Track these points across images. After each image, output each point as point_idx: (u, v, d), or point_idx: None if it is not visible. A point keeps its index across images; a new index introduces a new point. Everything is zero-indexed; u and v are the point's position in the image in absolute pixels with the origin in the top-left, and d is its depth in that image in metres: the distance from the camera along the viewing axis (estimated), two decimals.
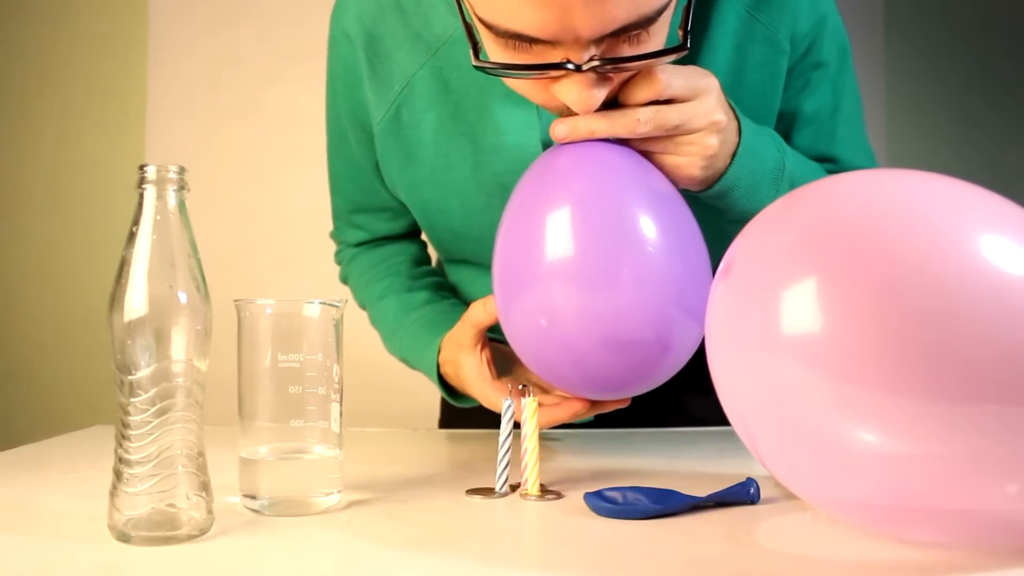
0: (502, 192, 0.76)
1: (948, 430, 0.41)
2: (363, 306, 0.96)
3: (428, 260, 0.98)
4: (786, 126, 0.81)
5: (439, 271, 0.97)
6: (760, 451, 0.50)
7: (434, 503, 0.60)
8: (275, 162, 2.00)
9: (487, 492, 0.62)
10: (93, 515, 0.54)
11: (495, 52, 0.62)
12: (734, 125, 0.69)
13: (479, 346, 0.76)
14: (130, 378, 0.49)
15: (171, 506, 0.49)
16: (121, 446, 0.49)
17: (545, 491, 0.62)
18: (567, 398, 0.72)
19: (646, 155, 0.67)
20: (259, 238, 2.00)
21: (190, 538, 0.49)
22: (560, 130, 0.64)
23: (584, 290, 0.62)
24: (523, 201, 0.66)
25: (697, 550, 0.48)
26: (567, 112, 0.65)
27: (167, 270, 0.49)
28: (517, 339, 0.68)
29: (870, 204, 0.46)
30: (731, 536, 0.51)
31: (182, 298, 0.50)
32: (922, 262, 0.42)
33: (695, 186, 0.69)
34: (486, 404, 0.76)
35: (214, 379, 0.54)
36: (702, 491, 0.58)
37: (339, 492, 0.58)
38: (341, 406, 0.59)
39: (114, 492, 0.49)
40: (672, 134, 0.65)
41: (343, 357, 0.59)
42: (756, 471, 0.64)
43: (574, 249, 0.62)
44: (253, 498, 0.56)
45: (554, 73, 0.60)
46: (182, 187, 0.51)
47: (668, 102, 0.65)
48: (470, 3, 0.60)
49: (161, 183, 0.50)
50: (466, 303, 0.92)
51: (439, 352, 0.81)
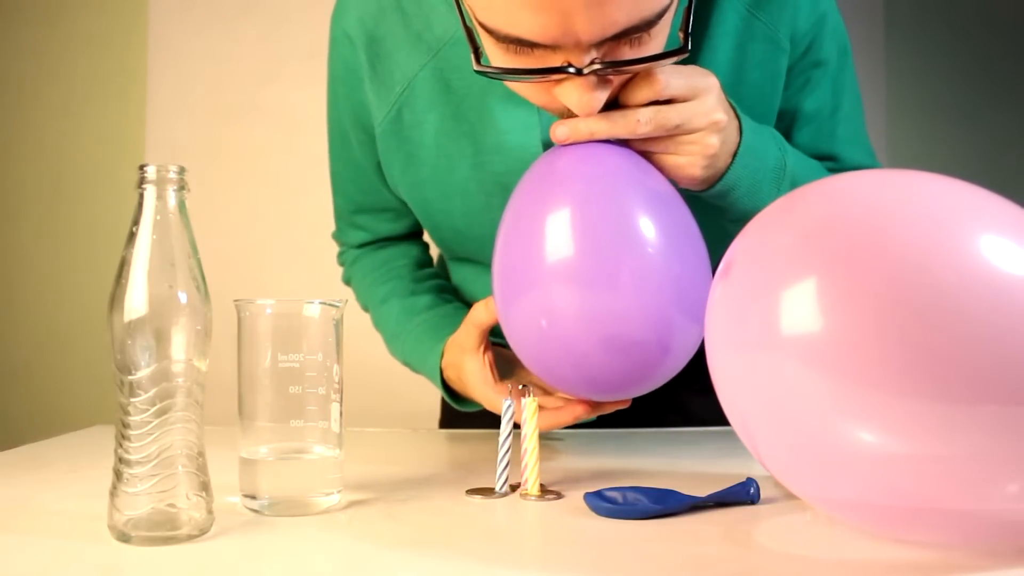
0: (503, 192, 0.76)
1: (948, 430, 0.41)
2: (366, 308, 0.96)
3: (430, 262, 0.98)
4: (786, 125, 0.81)
5: (441, 273, 0.97)
6: (760, 451, 0.50)
7: (434, 503, 0.60)
8: (275, 162, 2.00)
9: (487, 492, 0.62)
10: (93, 515, 0.54)
11: (496, 56, 0.62)
12: (735, 124, 0.69)
13: (482, 349, 0.76)
14: (130, 378, 0.49)
15: (171, 506, 0.49)
16: (121, 446, 0.49)
17: (545, 491, 0.62)
18: (569, 401, 0.71)
19: (647, 155, 0.67)
20: (259, 238, 2.00)
21: (190, 538, 0.49)
22: (561, 132, 0.64)
23: (584, 291, 0.62)
24: (523, 202, 0.66)
25: (697, 550, 0.48)
26: (568, 113, 0.65)
27: (167, 270, 0.49)
28: (517, 341, 0.67)
29: (870, 204, 0.46)
30: (731, 536, 0.51)
31: (182, 298, 0.50)
32: (922, 262, 0.42)
33: (696, 186, 0.69)
34: (488, 407, 0.76)
35: (214, 379, 0.54)
36: (702, 491, 0.58)
37: (339, 492, 0.58)
38: (341, 406, 0.59)
39: (114, 492, 0.49)
40: (673, 134, 0.65)
41: (343, 357, 0.59)
42: (756, 471, 0.64)
43: (574, 250, 0.62)
44: (253, 498, 0.56)
45: (555, 77, 0.60)
46: (182, 187, 0.51)
47: (668, 102, 0.65)
48: (471, 8, 0.59)
49: (161, 183, 0.50)
50: (468, 301, 0.92)
51: (442, 356, 0.81)
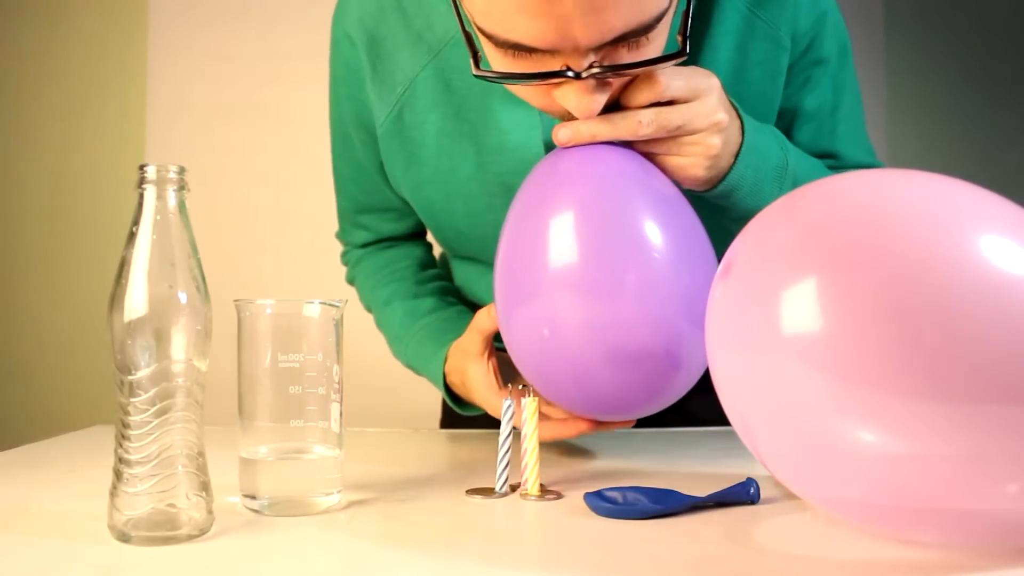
0: (505, 192, 0.76)
1: (948, 430, 0.41)
2: (369, 309, 0.96)
3: (434, 263, 0.98)
4: (787, 123, 0.81)
5: (445, 275, 0.97)
6: (760, 451, 0.50)
7: (434, 503, 0.60)
8: (275, 162, 2.00)
9: (487, 492, 0.62)
10: (93, 515, 0.54)
11: (495, 60, 0.62)
12: (736, 124, 0.69)
13: (486, 355, 0.76)
14: (130, 378, 0.49)
15: (171, 506, 0.49)
16: (121, 446, 0.49)
17: (545, 491, 0.62)
18: (574, 416, 0.71)
19: (649, 157, 0.67)
20: (259, 238, 2.00)
21: (190, 538, 0.49)
22: (563, 134, 0.64)
23: (588, 299, 0.60)
24: (525, 206, 0.66)
25: (697, 550, 0.48)
26: (568, 116, 0.64)
27: (167, 270, 0.49)
28: (518, 350, 0.66)
29: (870, 204, 0.46)
30: (731, 536, 0.51)
31: (182, 298, 0.50)
32: (922, 262, 0.42)
33: (699, 186, 0.69)
34: (492, 413, 0.76)
35: (214, 379, 0.54)
36: (702, 491, 0.58)
37: (339, 492, 0.58)
38: (341, 406, 0.59)
39: (114, 492, 0.49)
40: (674, 135, 0.65)
41: (343, 357, 0.59)
42: (756, 471, 0.64)
43: (578, 256, 0.61)
44: (253, 498, 0.56)
45: (554, 80, 0.60)
46: (182, 187, 0.51)
47: (670, 103, 0.65)
48: (469, 12, 0.59)
49: (161, 183, 0.50)
50: (471, 301, 0.92)
51: (445, 361, 0.81)
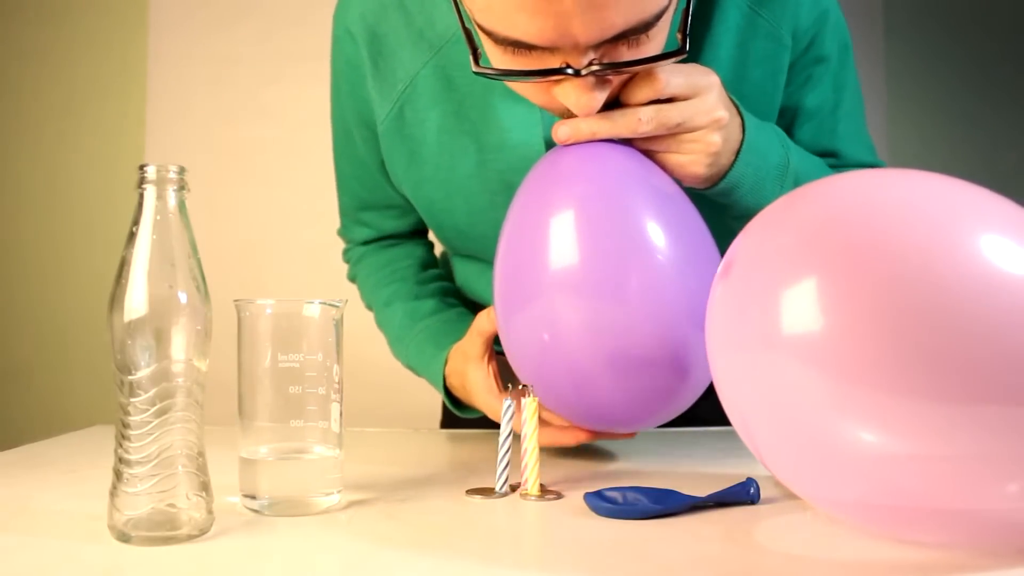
0: (506, 190, 0.76)
1: (948, 430, 0.41)
2: (370, 308, 0.96)
3: (435, 262, 0.98)
4: (787, 121, 0.81)
5: (446, 274, 0.97)
6: (760, 451, 0.50)
7: (434, 503, 0.60)
8: (275, 162, 2.00)
9: (487, 492, 0.62)
10: (93, 515, 0.54)
11: (495, 57, 0.62)
12: (737, 122, 0.69)
13: (486, 358, 0.76)
14: (130, 378, 0.49)
15: (171, 506, 0.49)
16: (121, 446, 0.49)
17: (545, 491, 0.62)
18: (574, 424, 0.71)
19: (650, 155, 0.67)
20: (259, 238, 2.00)
21: (190, 538, 0.49)
22: (563, 132, 0.64)
23: (589, 302, 0.60)
24: (525, 205, 0.66)
25: (697, 550, 0.48)
26: (568, 113, 0.64)
27: (167, 270, 0.49)
28: (516, 355, 0.66)
29: (870, 204, 0.46)
30: (731, 536, 0.51)
31: (182, 298, 0.50)
32: (922, 262, 0.42)
33: (700, 184, 0.69)
34: (491, 416, 0.76)
35: (214, 379, 0.54)
36: (702, 491, 0.58)
37: (339, 492, 0.58)
38: (341, 406, 0.59)
39: (114, 492, 0.49)
40: (674, 132, 0.65)
41: (343, 357, 0.59)
42: (756, 471, 0.64)
43: (579, 257, 0.60)
44: (253, 498, 0.56)
45: (553, 78, 0.60)
46: (182, 187, 0.51)
47: (670, 101, 0.65)
48: (470, 9, 0.60)
49: (161, 183, 0.50)
50: (472, 300, 0.92)
51: (445, 363, 0.81)
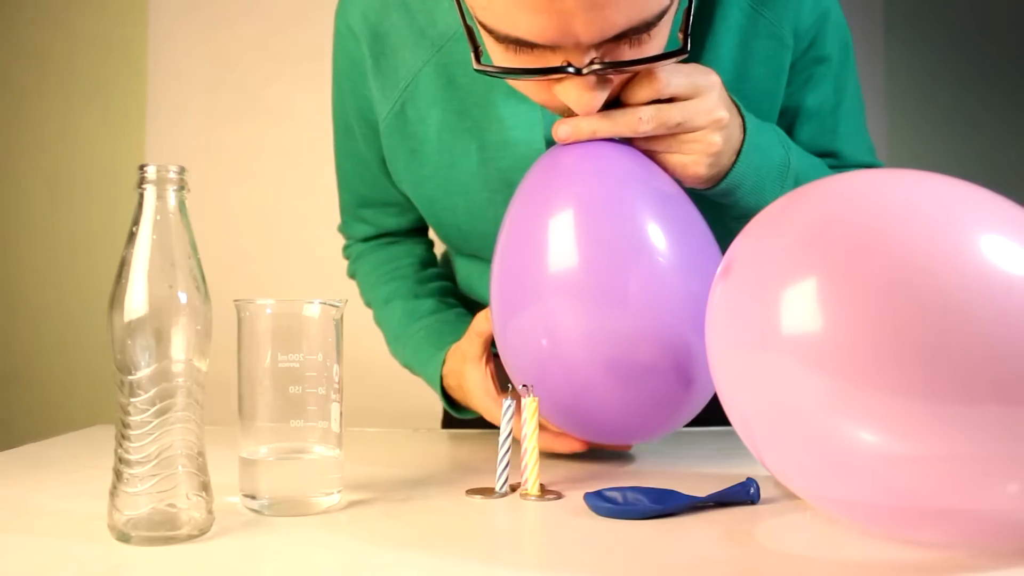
0: (506, 188, 0.76)
1: (948, 430, 0.41)
2: (369, 305, 0.96)
3: (434, 261, 0.98)
4: (788, 121, 0.81)
5: (446, 274, 0.97)
6: (760, 451, 0.50)
7: (434, 503, 0.60)
8: (275, 162, 2.00)
9: (487, 492, 0.62)
10: (93, 515, 0.54)
11: (497, 55, 0.62)
12: (738, 122, 0.69)
13: (484, 359, 0.76)
14: (130, 378, 0.49)
15: (171, 506, 0.49)
16: (121, 446, 0.49)
17: (545, 491, 0.62)
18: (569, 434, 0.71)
19: (650, 155, 0.67)
20: (259, 238, 2.00)
21: (190, 538, 0.49)
22: (563, 131, 0.64)
23: (588, 305, 0.59)
24: (523, 205, 0.65)
25: (697, 550, 0.48)
26: (569, 112, 0.65)
27: (167, 270, 0.49)
28: (513, 361, 0.65)
29: (870, 204, 0.46)
30: (731, 536, 0.51)
31: (182, 298, 0.50)
32: (922, 262, 0.42)
33: (701, 184, 0.69)
34: (488, 417, 0.76)
35: (214, 379, 0.54)
36: (702, 491, 0.58)
37: (339, 492, 0.58)
38: (341, 406, 0.59)
39: (114, 492, 0.49)
40: (675, 132, 0.65)
41: (343, 357, 0.59)
42: (756, 471, 0.64)
43: (578, 260, 0.60)
44: (253, 498, 0.56)
45: (555, 76, 0.60)
46: (182, 187, 0.51)
47: (670, 101, 0.65)
48: (472, 7, 0.60)
49: (161, 183, 0.50)
50: (474, 298, 0.92)
51: (443, 363, 0.81)
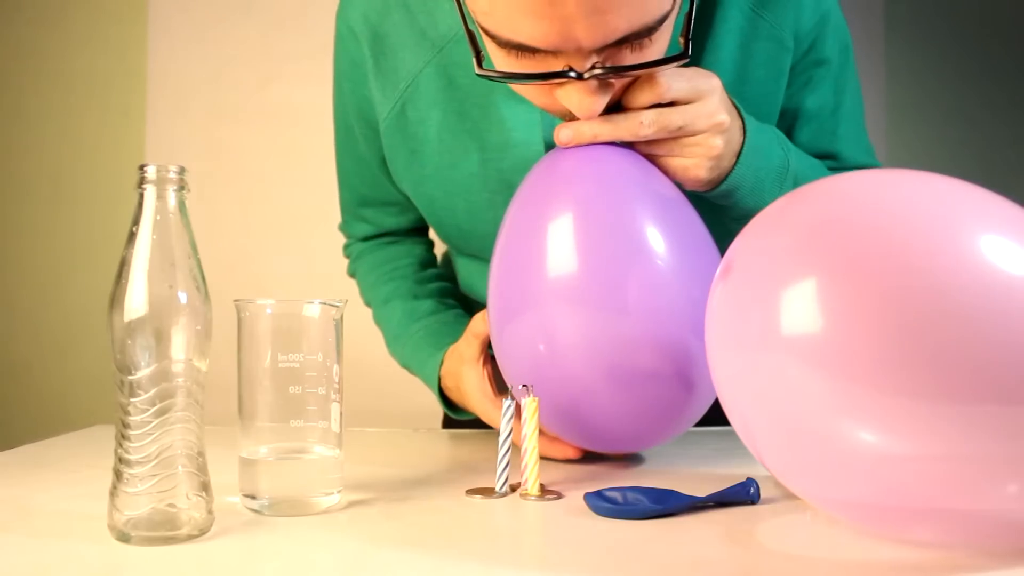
0: (506, 189, 0.76)
1: (948, 430, 0.41)
2: (368, 304, 0.96)
3: (434, 261, 0.98)
4: (788, 123, 0.82)
5: (446, 274, 0.97)
6: (760, 451, 0.50)
7: (434, 503, 0.60)
8: (275, 162, 2.00)
9: (487, 492, 0.62)
10: (93, 515, 0.54)
11: (498, 59, 0.62)
12: (738, 124, 0.69)
13: (481, 360, 0.76)
14: (130, 378, 0.49)
15: (171, 506, 0.49)
16: (121, 446, 0.49)
17: (545, 491, 0.62)
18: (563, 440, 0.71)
19: (652, 158, 0.67)
20: (259, 238, 2.00)
21: (190, 538, 0.49)
22: (564, 135, 0.64)
23: (587, 310, 0.59)
24: (522, 207, 0.65)
25: (697, 550, 0.48)
26: (570, 115, 0.65)
27: (167, 270, 0.49)
28: (510, 366, 0.65)
29: (870, 204, 0.46)
30: (731, 536, 0.51)
31: (182, 298, 0.50)
32: (922, 262, 0.42)
33: (701, 187, 0.69)
34: (485, 419, 0.76)
35: (214, 379, 0.54)
36: (702, 491, 0.58)
37: (339, 492, 0.58)
38: (341, 406, 0.59)
39: (114, 492, 0.49)
40: (676, 136, 0.65)
41: (343, 357, 0.59)
42: (756, 471, 0.64)
43: (576, 262, 0.60)
44: (253, 498, 0.56)
45: (556, 81, 0.60)
46: (182, 187, 0.51)
47: (671, 105, 0.65)
48: (473, 11, 0.60)
49: (161, 183, 0.50)
50: (475, 298, 0.92)
51: (441, 364, 0.81)
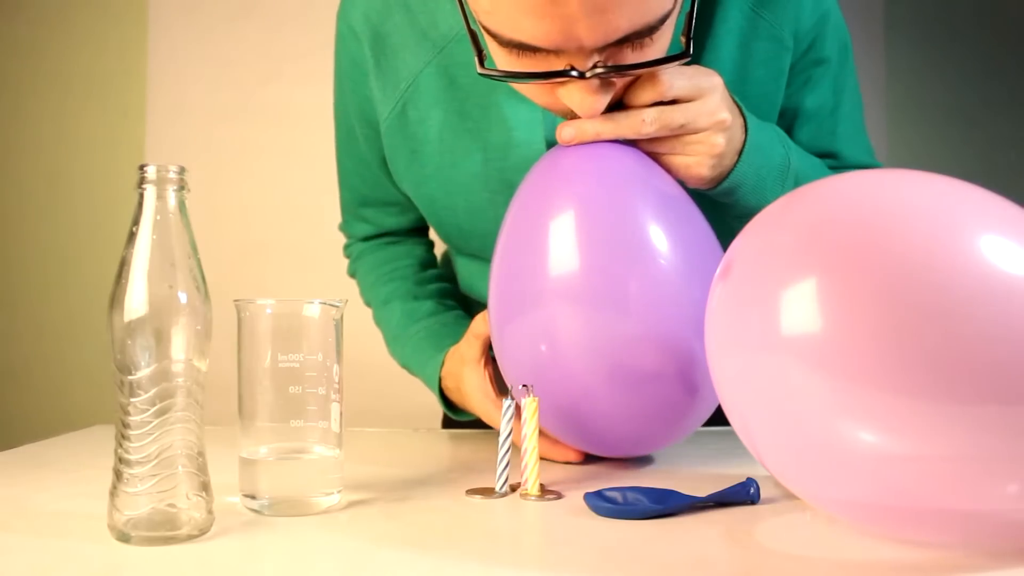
0: (507, 189, 0.76)
1: (948, 430, 0.41)
2: (368, 304, 0.96)
3: (434, 262, 0.98)
4: (787, 122, 0.82)
5: (446, 275, 0.97)
6: (760, 451, 0.50)
7: (434, 503, 0.60)
8: (275, 162, 2.00)
9: (487, 492, 0.62)
10: (93, 515, 0.54)
11: (500, 58, 0.62)
12: (740, 122, 0.69)
13: (483, 361, 0.76)
14: (130, 378, 0.49)
15: (171, 506, 0.49)
16: (121, 446, 0.49)
17: (545, 491, 0.62)
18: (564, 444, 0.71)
19: (654, 157, 0.67)
20: (259, 238, 2.00)
21: (190, 538, 0.49)
22: (566, 133, 0.65)
23: (589, 310, 0.59)
24: (524, 206, 0.65)
25: (697, 550, 0.48)
26: (572, 114, 0.65)
27: (167, 270, 0.49)
28: (511, 367, 0.65)
29: (870, 204, 0.46)
30: (731, 536, 0.51)
31: (182, 298, 0.50)
32: (922, 262, 0.42)
33: (703, 185, 0.69)
34: (486, 419, 0.76)
35: (214, 379, 0.54)
36: (702, 491, 0.58)
37: (339, 492, 0.58)
38: (341, 406, 0.59)
39: (114, 492, 0.49)
40: (678, 134, 0.65)
41: (343, 357, 0.59)
42: (756, 471, 0.64)
43: (578, 261, 0.60)
44: (253, 498, 0.56)
45: (558, 80, 0.60)
46: (182, 187, 0.51)
47: (673, 103, 0.65)
48: (475, 11, 0.60)
49: (161, 183, 0.50)
50: (474, 298, 0.92)
51: (442, 365, 0.81)
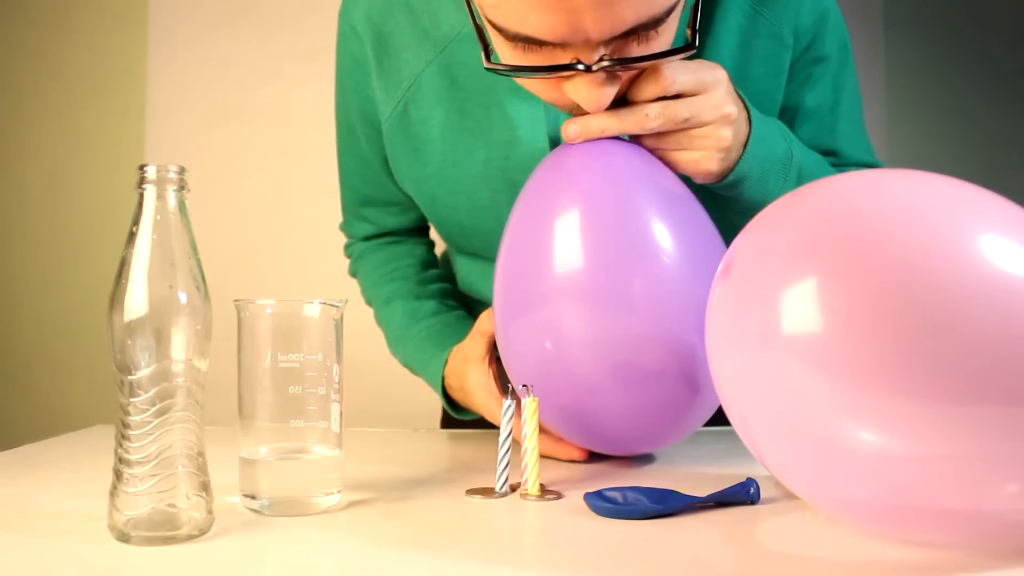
0: (509, 187, 0.76)
1: (948, 430, 0.41)
2: (370, 304, 0.96)
3: (436, 262, 0.98)
4: (787, 120, 0.82)
5: (446, 274, 0.97)
6: (760, 451, 0.50)
7: (434, 503, 0.60)
8: (275, 162, 2.00)
9: (487, 492, 0.62)
10: (93, 515, 0.54)
11: (506, 53, 0.62)
12: (744, 115, 0.69)
13: (487, 360, 0.76)
14: (130, 378, 0.49)
15: (171, 506, 0.49)
16: (121, 446, 0.49)
17: (545, 491, 0.62)
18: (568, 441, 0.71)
19: (661, 152, 0.67)
20: (259, 238, 2.00)
21: (190, 538, 0.49)
22: (572, 130, 0.65)
23: (593, 308, 0.59)
24: (529, 204, 0.65)
25: (697, 550, 0.48)
26: (577, 110, 0.65)
27: (167, 270, 0.49)
28: (515, 365, 0.65)
29: (870, 204, 0.46)
30: (731, 536, 0.51)
31: (182, 298, 0.50)
32: (922, 262, 0.42)
33: (711, 179, 0.69)
34: (489, 418, 0.76)
35: (214, 379, 0.54)
36: (702, 491, 0.58)
37: (339, 492, 0.58)
38: (341, 406, 0.59)
39: (114, 492, 0.49)
40: (683, 128, 0.65)
41: (343, 357, 0.59)
42: (756, 471, 0.64)
43: (583, 259, 0.60)
44: (253, 498, 0.56)
45: (564, 73, 0.60)
46: (182, 187, 0.51)
47: (677, 97, 0.65)
48: (480, 6, 0.60)
49: (161, 183, 0.50)
50: (475, 298, 0.92)
51: (445, 364, 0.81)
